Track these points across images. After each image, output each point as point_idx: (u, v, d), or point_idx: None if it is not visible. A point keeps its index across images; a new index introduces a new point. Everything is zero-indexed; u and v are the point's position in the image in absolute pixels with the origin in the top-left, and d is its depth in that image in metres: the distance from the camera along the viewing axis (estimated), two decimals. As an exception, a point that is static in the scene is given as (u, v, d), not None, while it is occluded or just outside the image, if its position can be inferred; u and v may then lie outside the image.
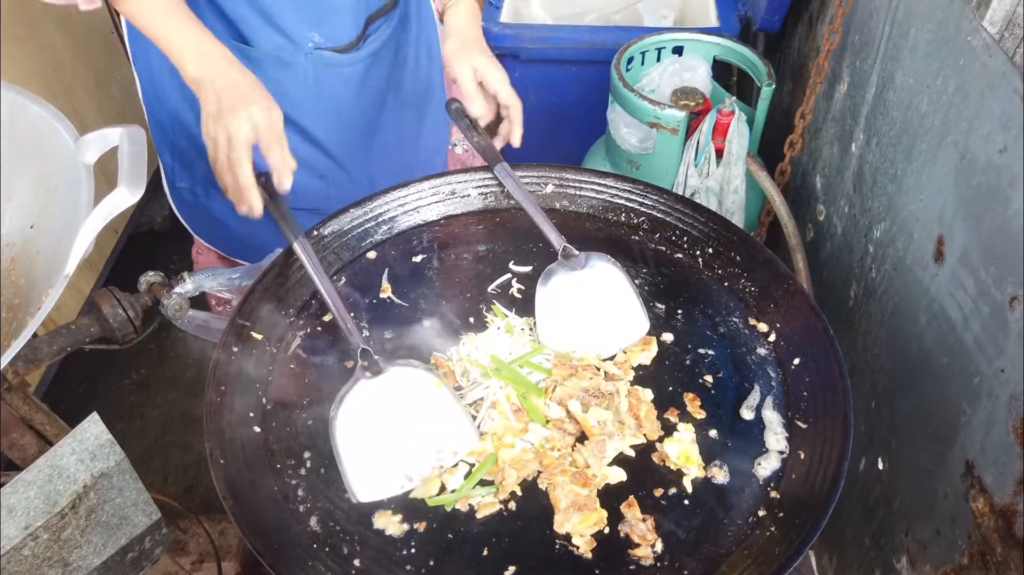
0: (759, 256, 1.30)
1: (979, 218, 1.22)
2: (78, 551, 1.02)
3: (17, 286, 1.16)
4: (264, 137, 1.17)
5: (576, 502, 1.00)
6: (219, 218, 1.66)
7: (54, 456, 0.97)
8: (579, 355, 1.19)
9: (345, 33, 1.47)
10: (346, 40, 1.48)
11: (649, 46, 2.23)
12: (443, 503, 1.02)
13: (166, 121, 1.55)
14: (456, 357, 1.19)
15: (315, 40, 1.45)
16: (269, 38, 1.42)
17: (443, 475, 1.06)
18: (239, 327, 1.18)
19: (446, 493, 1.04)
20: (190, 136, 1.54)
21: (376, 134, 1.64)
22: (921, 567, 1.38)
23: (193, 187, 1.63)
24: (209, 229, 1.71)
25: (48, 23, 2.30)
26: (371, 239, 1.37)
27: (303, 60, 1.46)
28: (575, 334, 1.20)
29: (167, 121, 1.55)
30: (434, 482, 1.05)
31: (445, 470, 1.06)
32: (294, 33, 1.43)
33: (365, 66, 1.53)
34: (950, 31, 1.33)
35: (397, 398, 1.09)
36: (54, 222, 1.14)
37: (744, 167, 2.01)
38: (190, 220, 1.71)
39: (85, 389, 2.62)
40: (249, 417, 1.10)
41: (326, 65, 1.48)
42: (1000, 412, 1.15)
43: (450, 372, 1.17)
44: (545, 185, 1.45)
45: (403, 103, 1.66)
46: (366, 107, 1.59)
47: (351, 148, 1.61)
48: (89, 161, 1.13)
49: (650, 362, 1.20)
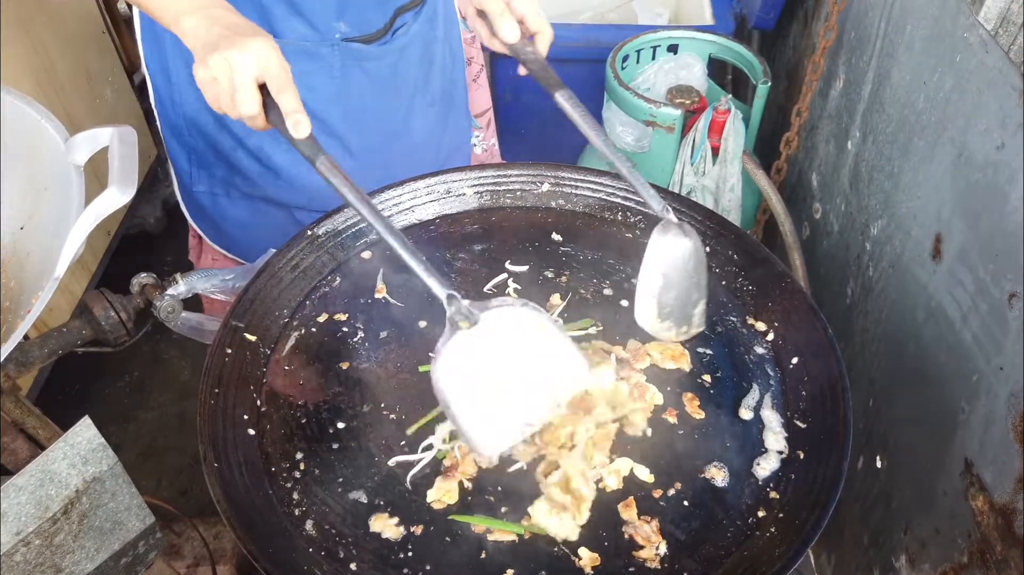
0: (756, 254, 1.29)
1: (977, 215, 1.22)
2: (71, 557, 1.01)
3: (7, 288, 1.14)
4: (274, 77, 1.03)
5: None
6: (237, 221, 1.64)
7: (46, 461, 0.96)
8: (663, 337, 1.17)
9: (372, 21, 1.45)
10: (373, 29, 1.45)
11: (644, 44, 2.22)
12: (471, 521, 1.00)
13: (183, 125, 1.53)
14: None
15: (342, 31, 1.42)
16: (295, 27, 1.39)
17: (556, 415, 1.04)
18: (233, 328, 1.17)
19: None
20: (207, 138, 1.53)
21: (401, 134, 1.62)
22: (920, 565, 1.37)
23: (212, 189, 1.61)
24: (225, 234, 1.69)
25: (39, 23, 2.28)
26: (366, 239, 1.36)
27: (329, 52, 1.43)
28: (663, 311, 1.16)
29: (184, 125, 1.53)
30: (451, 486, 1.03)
31: (561, 408, 1.03)
32: (320, 22, 1.40)
33: (393, 62, 1.51)
34: (946, 27, 1.33)
35: (500, 342, 1.00)
36: (44, 223, 1.13)
37: (740, 165, 2.00)
38: (205, 227, 1.69)
39: (78, 392, 2.60)
40: (243, 419, 1.09)
41: (353, 58, 1.45)
42: (999, 410, 1.15)
43: None
44: (541, 184, 1.45)
45: (430, 102, 1.64)
46: (394, 108, 1.57)
47: (374, 147, 1.59)
48: (79, 161, 1.12)
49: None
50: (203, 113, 1.50)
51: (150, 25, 1.42)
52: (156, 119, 1.55)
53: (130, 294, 1.31)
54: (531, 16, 1.19)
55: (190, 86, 1.46)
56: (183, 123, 1.53)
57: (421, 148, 1.67)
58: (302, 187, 1.56)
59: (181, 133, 1.55)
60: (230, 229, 1.67)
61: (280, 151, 1.52)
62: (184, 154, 1.58)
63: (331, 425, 1.10)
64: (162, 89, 1.50)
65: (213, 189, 1.61)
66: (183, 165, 1.60)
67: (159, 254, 2.94)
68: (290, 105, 1.03)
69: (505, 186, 1.44)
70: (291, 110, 1.03)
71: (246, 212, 1.63)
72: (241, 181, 1.58)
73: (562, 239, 1.38)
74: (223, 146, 1.53)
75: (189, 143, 1.56)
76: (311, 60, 1.43)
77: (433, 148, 1.70)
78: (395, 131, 1.60)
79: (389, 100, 1.55)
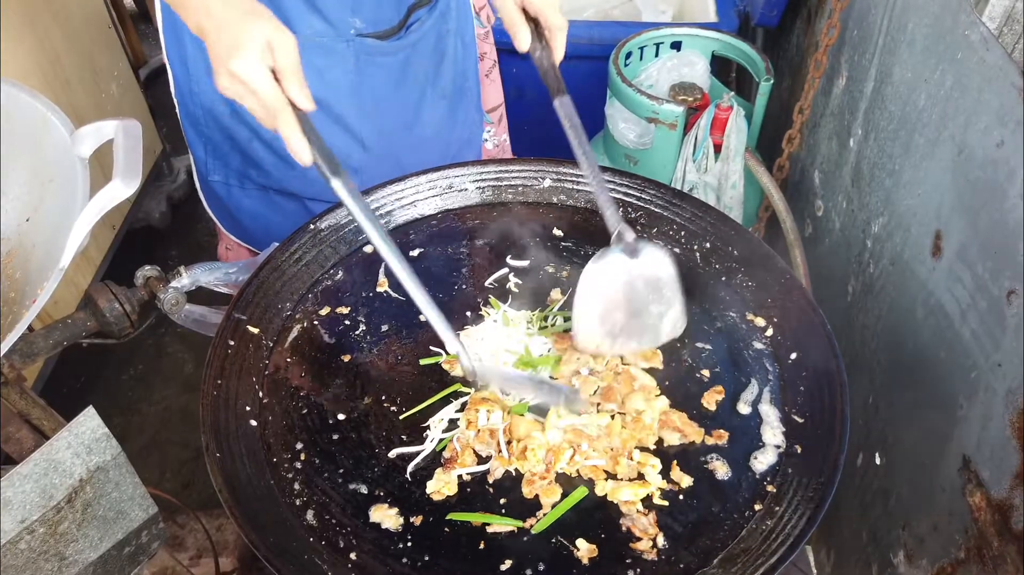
0: (757, 251, 1.29)
1: (976, 212, 1.22)
2: (74, 545, 1.02)
3: (13, 279, 1.15)
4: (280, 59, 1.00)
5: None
6: (251, 211, 1.66)
7: (50, 450, 0.96)
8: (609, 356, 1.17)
9: (387, 17, 1.46)
10: (388, 25, 1.46)
11: (647, 41, 2.23)
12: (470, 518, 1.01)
13: (200, 115, 1.55)
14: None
15: (356, 26, 1.44)
16: (310, 23, 1.41)
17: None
18: (236, 321, 1.18)
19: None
20: (224, 129, 1.55)
21: (413, 127, 1.63)
22: (918, 562, 1.38)
23: (227, 179, 1.64)
24: (239, 224, 1.71)
25: (45, 18, 2.29)
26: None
27: (344, 47, 1.44)
28: (614, 330, 1.15)
29: (201, 115, 1.55)
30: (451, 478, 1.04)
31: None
32: (335, 17, 1.41)
33: (406, 56, 1.52)
34: (948, 25, 1.33)
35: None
36: (50, 215, 1.14)
37: (742, 162, 2.01)
38: (220, 215, 1.71)
39: (82, 385, 2.61)
40: (245, 410, 1.10)
41: (367, 54, 1.47)
42: (997, 406, 1.15)
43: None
44: (543, 180, 1.45)
45: (441, 95, 1.65)
46: (405, 99, 1.58)
47: (387, 141, 1.60)
48: (85, 154, 1.13)
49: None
50: (219, 104, 1.52)
51: (170, 15, 1.44)
52: (176, 109, 1.58)
53: (134, 286, 1.32)
54: (547, 14, 1.19)
55: (207, 76, 1.48)
56: (200, 113, 1.55)
57: (431, 140, 1.68)
58: (315, 178, 1.56)
59: (198, 123, 1.57)
60: (243, 219, 1.69)
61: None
62: (201, 144, 1.60)
63: (332, 417, 1.11)
64: (181, 79, 1.52)
65: (228, 179, 1.64)
66: (200, 154, 1.62)
67: (163, 249, 2.95)
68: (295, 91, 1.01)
69: (507, 181, 1.45)
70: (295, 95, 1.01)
71: (259, 203, 1.65)
72: (255, 172, 1.59)
73: (563, 234, 1.39)
74: (239, 136, 1.55)
75: (205, 133, 1.58)
76: (326, 56, 1.44)
77: (443, 141, 1.71)
78: (406, 123, 1.61)
79: (401, 93, 1.56)
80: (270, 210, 1.64)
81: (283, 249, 1.29)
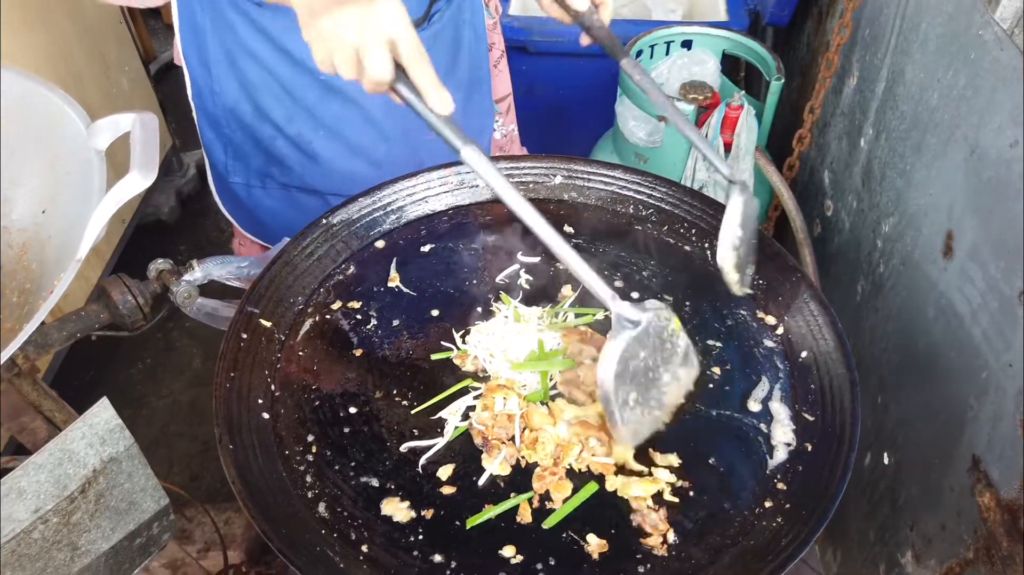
0: (767, 249, 1.30)
1: (989, 212, 1.22)
2: (87, 535, 1.02)
3: (29, 270, 1.16)
4: (406, 43, 0.95)
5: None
6: (271, 210, 1.66)
7: (64, 440, 0.97)
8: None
9: (411, 10, 1.44)
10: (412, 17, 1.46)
11: (658, 39, 2.23)
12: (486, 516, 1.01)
13: (221, 117, 1.54)
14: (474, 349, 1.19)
15: None
16: None
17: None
18: (248, 314, 1.19)
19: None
20: (246, 128, 1.54)
21: None
22: (926, 561, 1.38)
23: (248, 180, 1.63)
24: (259, 223, 1.70)
25: (58, 13, 2.30)
26: (379, 228, 1.37)
27: None
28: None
29: (222, 116, 1.54)
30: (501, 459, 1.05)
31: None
32: None
33: (428, 48, 1.52)
34: (961, 25, 1.33)
35: (654, 341, 1.05)
36: (66, 207, 1.14)
37: (752, 161, 2.01)
38: (238, 216, 1.70)
39: (91, 378, 2.63)
40: (258, 403, 1.11)
41: None
42: (1007, 406, 1.15)
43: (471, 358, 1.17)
44: (554, 176, 1.46)
45: (458, 85, 1.65)
46: None
47: (406, 131, 1.60)
48: (101, 147, 1.14)
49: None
50: (242, 103, 1.51)
51: (189, 17, 1.42)
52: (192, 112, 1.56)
53: (147, 279, 1.33)
54: None
55: (229, 77, 1.48)
56: (221, 114, 1.54)
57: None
58: (339, 172, 1.58)
59: (219, 124, 1.56)
60: (263, 217, 1.69)
61: (320, 137, 1.53)
62: (220, 145, 1.60)
63: (344, 410, 1.12)
64: (200, 81, 1.51)
65: (249, 180, 1.63)
66: (219, 156, 1.61)
67: (173, 243, 2.97)
68: (428, 78, 0.97)
69: (518, 178, 1.46)
70: (431, 84, 0.97)
71: (281, 202, 1.65)
72: (278, 171, 1.59)
73: (574, 231, 1.39)
74: (262, 135, 1.54)
75: (226, 134, 1.57)
76: None
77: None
78: None
79: None
80: (291, 208, 1.64)
81: (295, 244, 1.30)
